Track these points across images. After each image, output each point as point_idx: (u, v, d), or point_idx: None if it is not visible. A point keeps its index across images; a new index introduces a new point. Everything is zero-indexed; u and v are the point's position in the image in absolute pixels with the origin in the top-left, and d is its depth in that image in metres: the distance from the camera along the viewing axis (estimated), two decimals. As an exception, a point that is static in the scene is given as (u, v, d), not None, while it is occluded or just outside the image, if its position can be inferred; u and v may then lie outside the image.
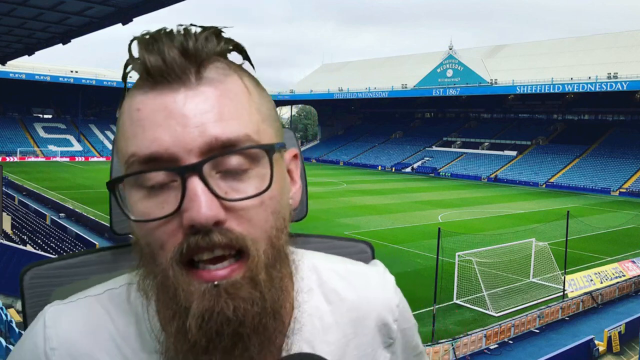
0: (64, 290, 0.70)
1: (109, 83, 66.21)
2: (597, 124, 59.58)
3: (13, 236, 18.92)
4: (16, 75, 60.42)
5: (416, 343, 0.78)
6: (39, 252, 15.71)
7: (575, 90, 50.28)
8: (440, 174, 57.59)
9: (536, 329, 13.70)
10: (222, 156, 0.53)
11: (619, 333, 12.72)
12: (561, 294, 15.85)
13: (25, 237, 19.47)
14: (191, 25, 0.56)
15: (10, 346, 7.22)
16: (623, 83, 46.15)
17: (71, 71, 67.21)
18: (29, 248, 16.32)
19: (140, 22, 12.04)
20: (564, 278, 16.19)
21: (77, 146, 66.53)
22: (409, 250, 20.94)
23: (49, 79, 63.53)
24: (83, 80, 65.83)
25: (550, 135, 61.14)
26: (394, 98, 69.62)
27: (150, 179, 0.54)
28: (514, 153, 58.53)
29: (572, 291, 16.11)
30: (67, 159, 61.79)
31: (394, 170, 61.69)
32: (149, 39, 0.55)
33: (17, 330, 8.67)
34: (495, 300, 15.11)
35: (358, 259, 0.78)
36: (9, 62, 20.76)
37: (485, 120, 69.71)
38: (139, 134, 0.54)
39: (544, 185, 49.40)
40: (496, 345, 12.64)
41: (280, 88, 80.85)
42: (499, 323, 13.15)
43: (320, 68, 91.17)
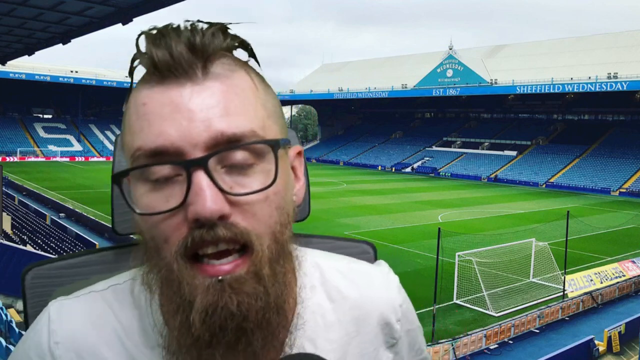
0: (65, 291, 0.70)
1: (109, 83, 66.01)
2: (597, 124, 59.58)
3: (13, 236, 18.90)
4: (16, 75, 60.48)
5: (420, 346, 0.77)
6: (39, 252, 15.70)
7: (575, 90, 50.28)
8: (440, 174, 57.58)
9: (536, 329, 13.68)
10: (228, 151, 0.54)
11: (619, 333, 12.70)
12: (561, 294, 15.83)
13: (25, 237, 19.44)
14: (198, 21, 0.56)
15: (10, 346, 7.21)
16: (623, 83, 46.16)
17: (71, 71, 67.25)
18: (29, 248, 16.30)
19: (140, 22, 12.06)
20: (564, 278, 16.18)
21: (77, 146, 66.53)
22: (409, 250, 20.94)
23: (49, 79, 63.58)
24: (83, 80, 65.88)
25: (550, 135, 61.14)
26: (394, 98, 69.65)
27: (155, 172, 0.54)
28: (514, 153, 58.53)
29: (572, 291, 16.10)
30: (67, 159, 61.78)
31: (394, 170, 61.68)
32: (157, 34, 0.55)
33: (17, 330, 8.66)
34: (495, 300, 15.10)
35: (360, 260, 0.77)
36: (9, 62, 20.76)
37: (485, 120, 69.71)
38: (145, 128, 0.54)
39: (544, 185, 49.39)
40: (496, 345, 12.62)
41: (280, 88, 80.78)
42: (499, 323, 13.13)
43: (320, 68, 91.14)
